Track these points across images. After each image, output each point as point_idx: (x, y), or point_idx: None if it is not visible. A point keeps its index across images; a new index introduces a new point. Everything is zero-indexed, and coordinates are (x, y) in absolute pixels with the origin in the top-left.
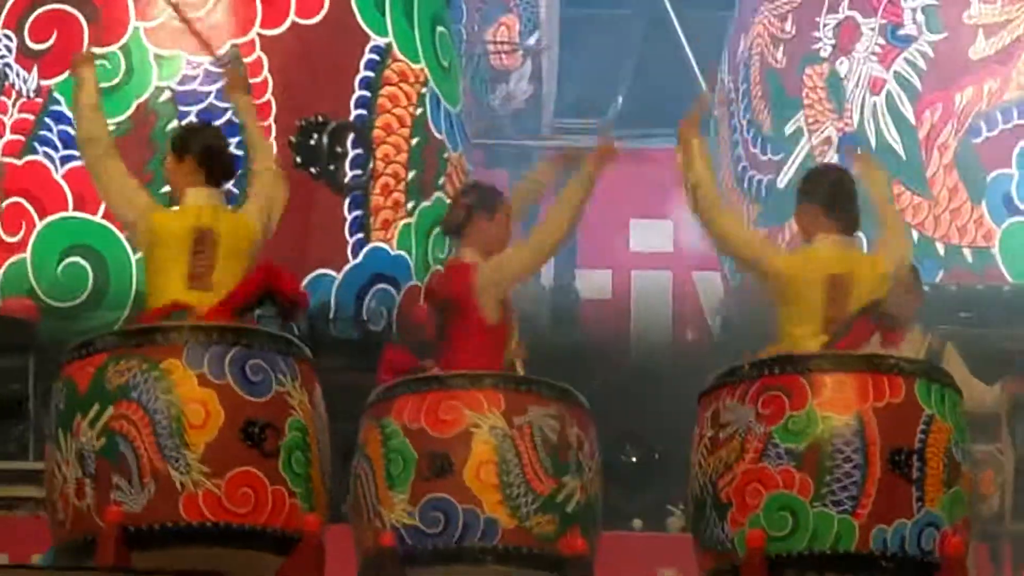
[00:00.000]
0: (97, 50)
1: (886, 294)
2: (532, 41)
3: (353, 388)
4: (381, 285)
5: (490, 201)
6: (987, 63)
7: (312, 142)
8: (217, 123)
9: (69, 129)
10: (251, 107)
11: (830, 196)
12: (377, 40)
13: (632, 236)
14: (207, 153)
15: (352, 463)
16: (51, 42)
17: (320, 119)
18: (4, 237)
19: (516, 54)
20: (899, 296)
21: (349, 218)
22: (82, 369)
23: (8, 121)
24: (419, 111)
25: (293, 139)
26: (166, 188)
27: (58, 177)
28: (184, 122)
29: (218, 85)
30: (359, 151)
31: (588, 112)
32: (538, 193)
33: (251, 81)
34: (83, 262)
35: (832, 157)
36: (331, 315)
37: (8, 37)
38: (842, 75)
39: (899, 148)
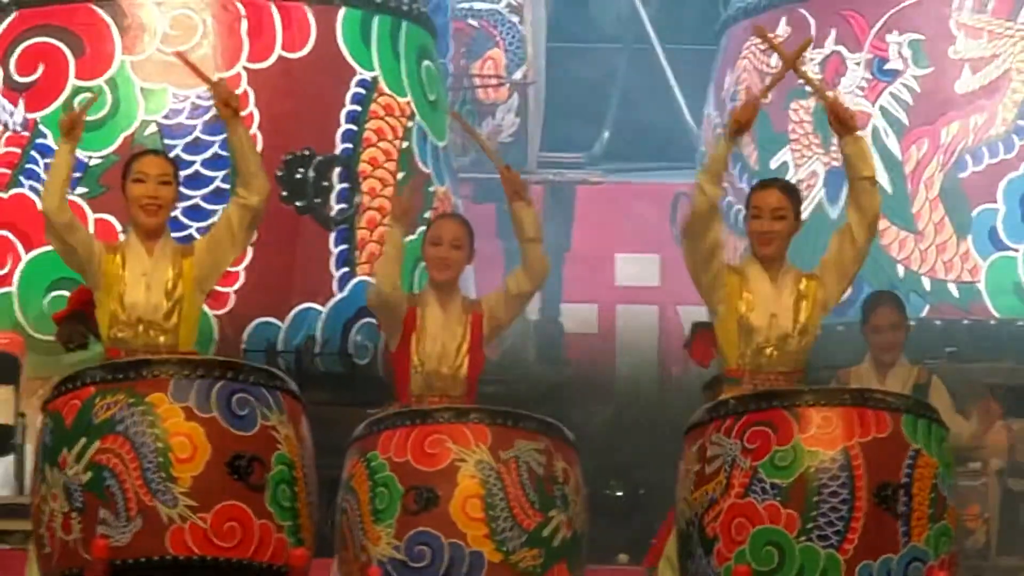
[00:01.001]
0: (82, 83)
1: None
2: (518, 75)
3: (339, 422)
4: (367, 319)
5: None
6: (973, 98)
7: (298, 176)
8: (204, 156)
9: None
10: (247, 134)
11: None
12: (363, 74)
13: (618, 270)
14: None
15: (337, 497)
16: (37, 75)
17: (306, 153)
18: None
19: (502, 88)
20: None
21: (335, 252)
22: (68, 403)
23: None
24: (405, 145)
25: (279, 173)
26: None
27: None
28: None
29: (205, 118)
30: (345, 185)
31: (574, 146)
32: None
33: None
34: (69, 295)
35: (818, 191)
36: (317, 349)
37: None
38: None
39: (885, 182)
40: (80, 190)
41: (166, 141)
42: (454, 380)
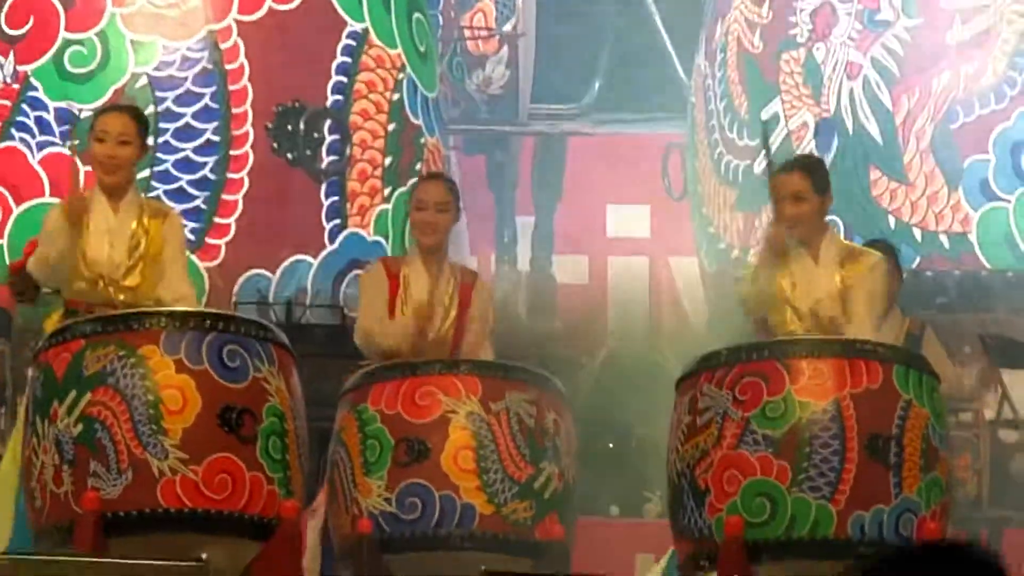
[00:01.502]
0: (72, 36)
1: None
2: (508, 27)
3: (330, 374)
4: (358, 271)
5: None
6: (964, 48)
7: (289, 128)
8: (194, 108)
9: (45, 115)
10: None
11: None
12: (354, 26)
13: (609, 221)
14: None
15: (328, 449)
16: (27, 28)
17: (297, 105)
18: None
19: (493, 40)
20: None
21: (326, 204)
22: (59, 356)
23: None
24: (396, 97)
25: (269, 125)
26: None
27: (34, 163)
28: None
29: (195, 71)
30: (336, 137)
31: (565, 98)
32: None
33: (228, 67)
34: (24, 248)
35: (809, 142)
36: (308, 301)
37: None
38: (819, 60)
39: (876, 133)
40: (70, 143)
41: (156, 93)
42: (441, 345)
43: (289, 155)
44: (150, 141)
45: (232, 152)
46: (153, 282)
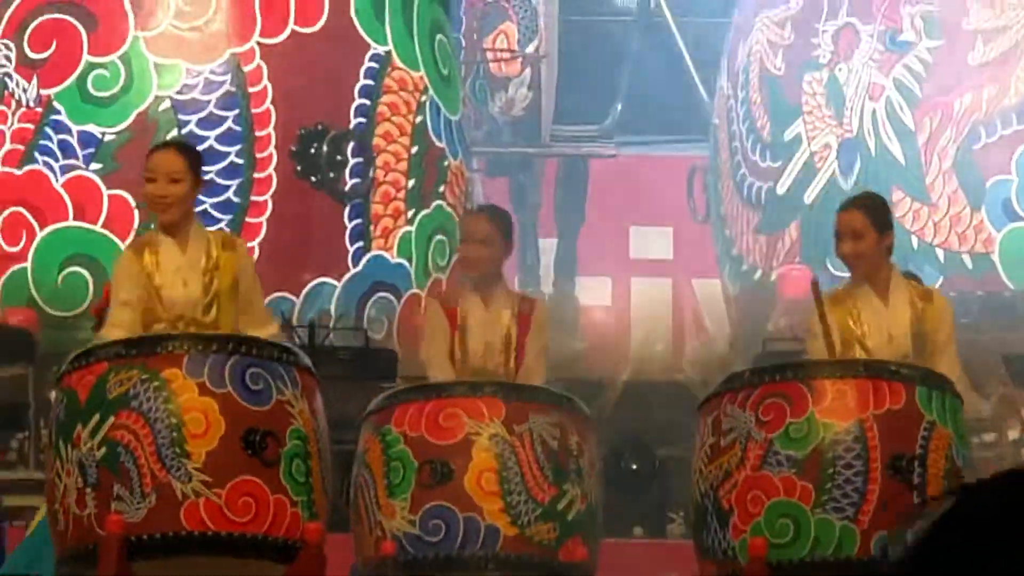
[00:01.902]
0: (95, 59)
1: None
2: (531, 48)
3: (353, 397)
4: (381, 293)
5: None
6: (986, 69)
7: (312, 150)
8: (218, 131)
9: (69, 138)
10: None
11: None
12: (377, 48)
13: (632, 243)
14: None
15: (352, 472)
16: (51, 51)
17: (320, 127)
18: (4, 247)
19: (515, 61)
20: None
21: (349, 226)
22: (82, 379)
23: (8, 131)
24: (419, 119)
25: (293, 148)
26: None
27: (58, 186)
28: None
29: (218, 94)
30: (359, 159)
31: (587, 119)
32: None
33: (251, 90)
34: (83, 271)
35: (831, 163)
36: (331, 323)
37: (7, 47)
38: (841, 81)
39: (899, 154)
40: (94, 166)
41: (180, 116)
42: (504, 376)
43: (312, 178)
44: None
45: (256, 175)
46: (232, 315)
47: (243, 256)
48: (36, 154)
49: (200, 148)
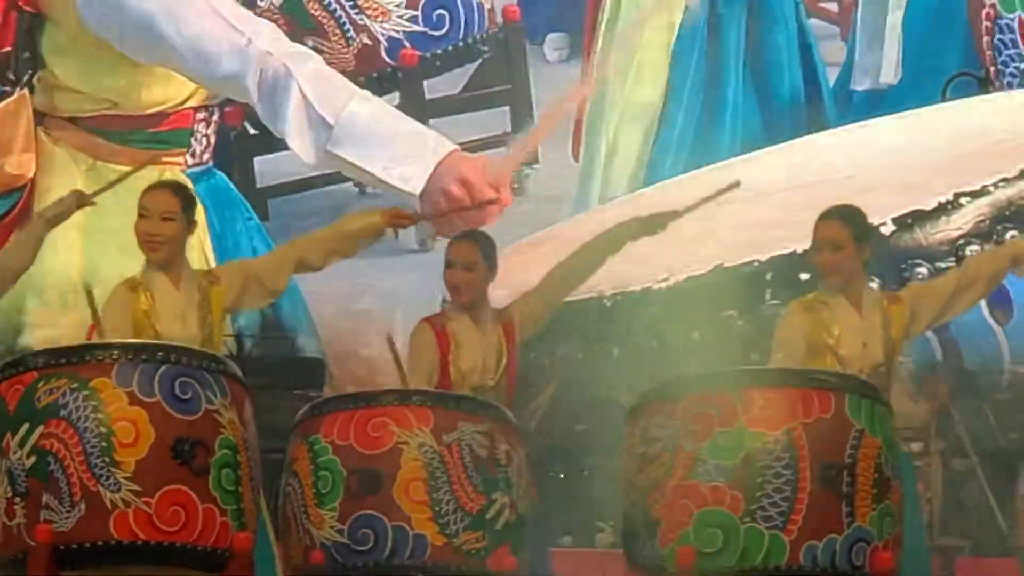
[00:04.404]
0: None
1: None
2: None
3: (280, 405)
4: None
5: None
6: None
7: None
8: None
9: None
10: None
11: None
12: None
13: None
14: None
15: (280, 481)
16: None
17: None
18: None
19: None
20: None
21: None
22: (11, 387)
23: None
24: None
25: None
26: None
27: None
28: None
29: None
30: None
31: None
32: None
33: None
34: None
35: None
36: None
37: None
38: None
39: None
40: None
41: None
42: (496, 393)
43: None
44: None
45: None
46: (218, 348)
47: (225, 290)
48: None
49: None
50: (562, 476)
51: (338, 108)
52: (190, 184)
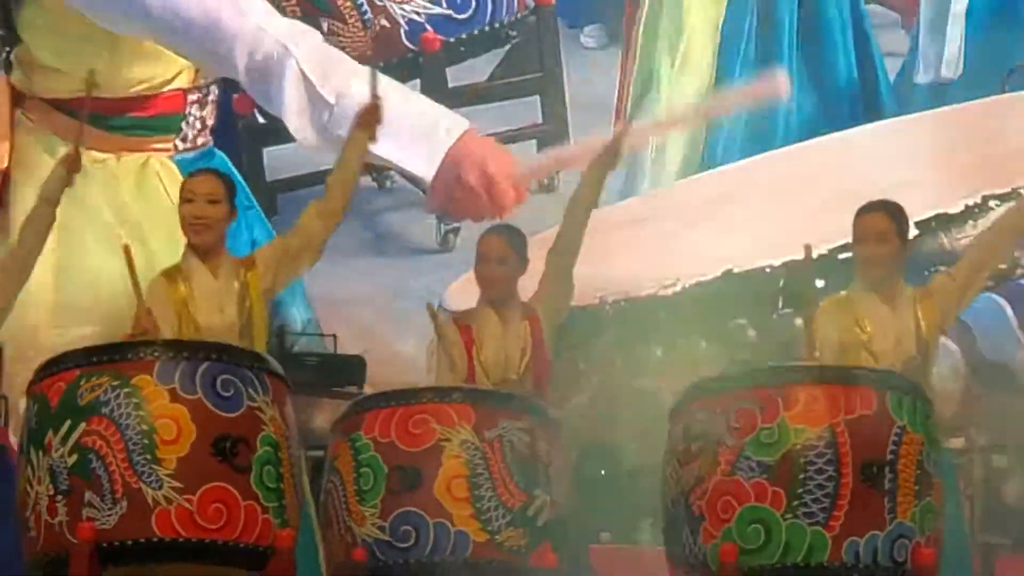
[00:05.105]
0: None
1: None
2: None
3: (322, 403)
4: None
5: None
6: None
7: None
8: None
9: None
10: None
11: None
12: None
13: None
14: None
15: (321, 479)
16: None
17: None
18: None
19: None
20: None
21: None
22: (53, 385)
23: None
24: None
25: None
26: None
27: None
28: None
29: None
30: None
31: None
32: None
33: None
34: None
35: None
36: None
37: None
38: None
39: None
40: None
41: None
42: (521, 386)
43: None
44: None
45: None
46: (264, 335)
47: (262, 262)
48: None
49: None
50: (603, 472)
51: (338, 86)
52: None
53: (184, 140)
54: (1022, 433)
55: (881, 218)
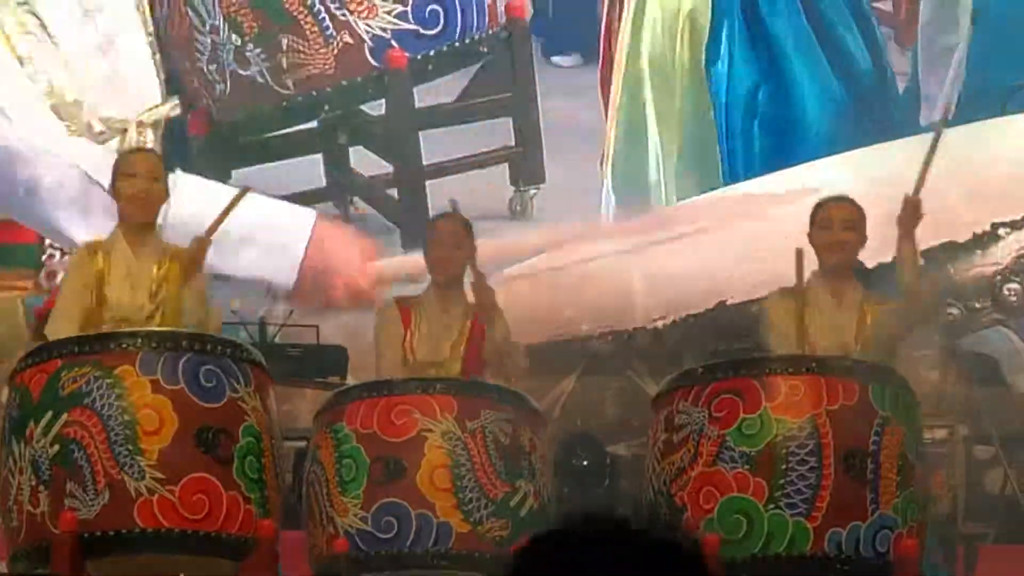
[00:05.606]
0: None
1: None
2: None
3: (304, 394)
4: None
5: None
6: None
7: None
8: None
9: None
10: None
11: None
12: None
13: None
14: None
15: (303, 469)
16: None
17: None
18: None
19: None
20: None
21: None
22: (35, 376)
23: None
24: None
25: None
26: None
27: None
28: None
29: None
30: None
31: None
32: None
33: None
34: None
35: None
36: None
37: None
38: None
39: None
40: None
41: None
42: (447, 370)
43: None
44: None
45: None
46: (175, 324)
47: (185, 269)
48: None
49: None
50: (585, 463)
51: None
52: None
53: None
54: (1005, 424)
55: (851, 208)
